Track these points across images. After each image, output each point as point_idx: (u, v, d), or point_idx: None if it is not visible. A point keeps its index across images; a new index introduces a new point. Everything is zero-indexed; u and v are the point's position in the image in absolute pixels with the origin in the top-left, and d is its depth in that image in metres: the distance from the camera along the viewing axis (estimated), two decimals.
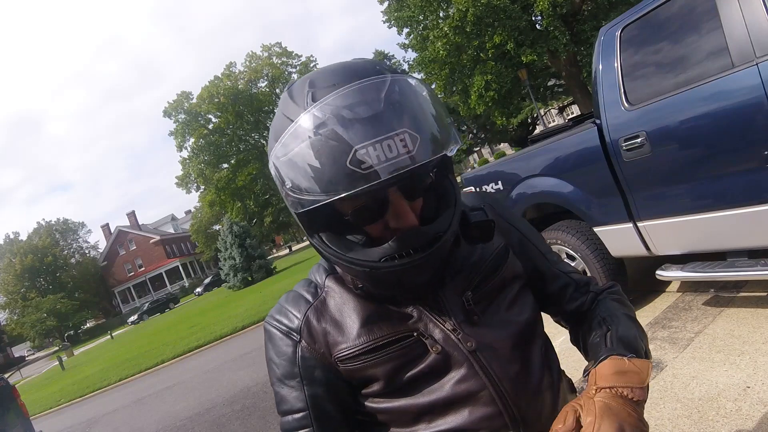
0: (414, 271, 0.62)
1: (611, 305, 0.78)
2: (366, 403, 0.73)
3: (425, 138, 0.56)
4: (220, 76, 36.19)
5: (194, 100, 35.08)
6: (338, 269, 0.76)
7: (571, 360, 1.57)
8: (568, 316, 0.84)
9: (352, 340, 0.70)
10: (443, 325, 0.70)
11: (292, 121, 0.58)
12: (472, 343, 0.69)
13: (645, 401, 0.60)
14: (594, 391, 0.59)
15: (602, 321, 0.74)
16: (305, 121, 0.56)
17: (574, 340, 0.84)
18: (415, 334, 0.69)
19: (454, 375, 0.69)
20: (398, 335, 0.69)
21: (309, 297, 0.76)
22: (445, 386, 0.69)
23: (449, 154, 0.62)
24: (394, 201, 0.63)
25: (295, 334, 0.73)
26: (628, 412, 0.56)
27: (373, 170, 0.53)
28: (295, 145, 0.57)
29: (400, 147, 0.53)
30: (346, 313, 0.72)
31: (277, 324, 0.75)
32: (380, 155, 0.53)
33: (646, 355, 0.68)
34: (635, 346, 0.66)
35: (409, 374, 0.70)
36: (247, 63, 37.34)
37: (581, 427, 0.56)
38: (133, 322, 35.20)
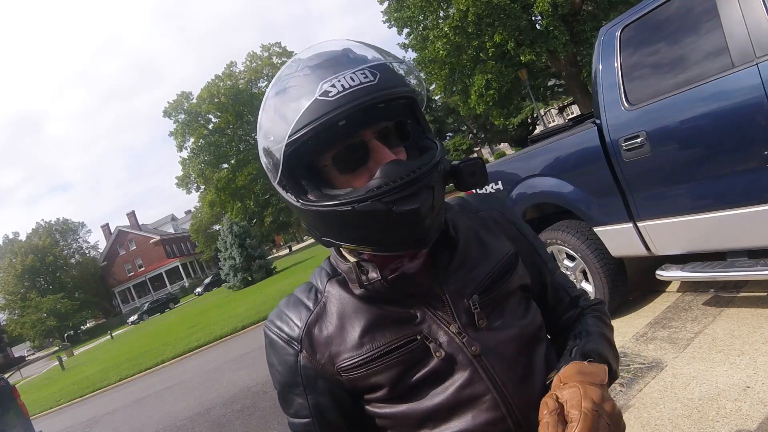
0: (403, 197, 0.60)
1: (590, 321, 0.81)
2: (369, 408, 0.73)
3: (385, 74, 0.63)
4: (220, 75, 36.21)
5: (194, 100, 35.09)
6: (341, 252, 0.75)
7: None
8: (555, 327, 0.86)
9: (354, 350, 0.69)
10: (448, 328, 0.69)
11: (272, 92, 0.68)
12: (476, 347, 0.68)
13: (610, 397, 0.64)
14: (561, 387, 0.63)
15: (576, 335, 0.77)
16: (280, 74, 0.68)
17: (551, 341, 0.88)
18: (418, 337, 0.69)
19: (458, 379, 0.68)
20: (401, 340, 0.69)
21: (309, 303, 0.75)
22: (449, 390, 0.68)
23: (402, 88, 0.65)
24: (373, 147, 0.65)
25: (296, 344, 0.72)
26: (597, 385, 0.61)
27: (340, 95, 0.59)
28: (275, 94, 0.66)
29: (361, 77, 0.60)
30: (348, 319, 0.71)
31: (278, 331, 0.74)
32: (344, 84, 0.60)
33: (612, 371, 0.73)
34: (596, 357, 0.71)
35: (413, 379, 0.69)
36: (247, 63, 37.35)
37: (562, 405, 0.59)
38: (133, 322, 35.17)
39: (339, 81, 0.60)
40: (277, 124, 0.63)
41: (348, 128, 0.62)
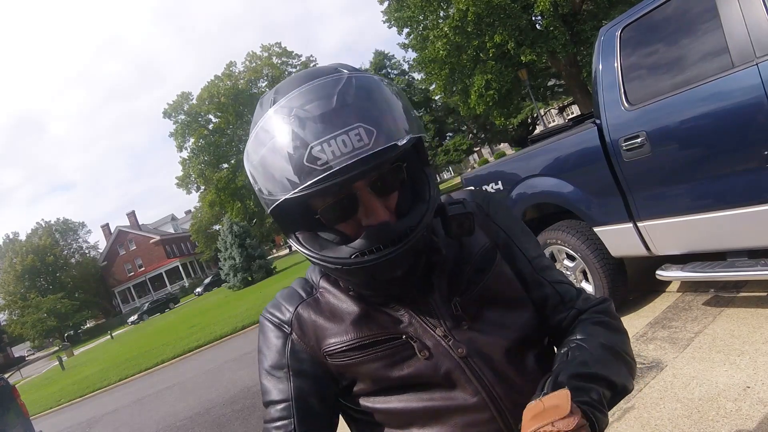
0: (385, 266, 0.61)
1: (590, 330, 0.72)
2: (359, 401, 0.73)
3: (382, 131, 0.57)
4: (220, 76, 36.20)
5: (194, 101, 35.07)
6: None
7: None
8: (549, 330, 0.79)
9: (340, 336, 0.71)
10: (434, 331, 0.69)
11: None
12: (463, 349, 0.68)
13: (583, 424, 0.54)
14: None
15: (563, 354, 0.69)
16: (266, 122, 0.60)
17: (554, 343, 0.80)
18: (404, 336, 0.69)
19: (446, 381, 0.68)
20: (385, 335, 0.70)
21: (303, 294, 0.77)
22: (436, 392, 0.69)
23: (399, 144, 0.58)
24: (363, 198, 0.63)
25: (286, 327, 0.75)
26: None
27: (328, 165, 0.55)
28: (260, 146, 0.60)
29: (355, 141, 0.55)
30: (338, 312, 0.73)
31: (271, 317, 0.77)
32: (335, 150, 0.54)
33: (612, 386, 0.64)
34: (575, 384, 0.61)
35: (397, 376, 0.69)
36: (247, 63, 37.33)
37: None
38: (133, 322, 35.16)
39: (329, 146, 0.54)
40: (261, 177, 0.61)
41: (340, 187, 0.58)
